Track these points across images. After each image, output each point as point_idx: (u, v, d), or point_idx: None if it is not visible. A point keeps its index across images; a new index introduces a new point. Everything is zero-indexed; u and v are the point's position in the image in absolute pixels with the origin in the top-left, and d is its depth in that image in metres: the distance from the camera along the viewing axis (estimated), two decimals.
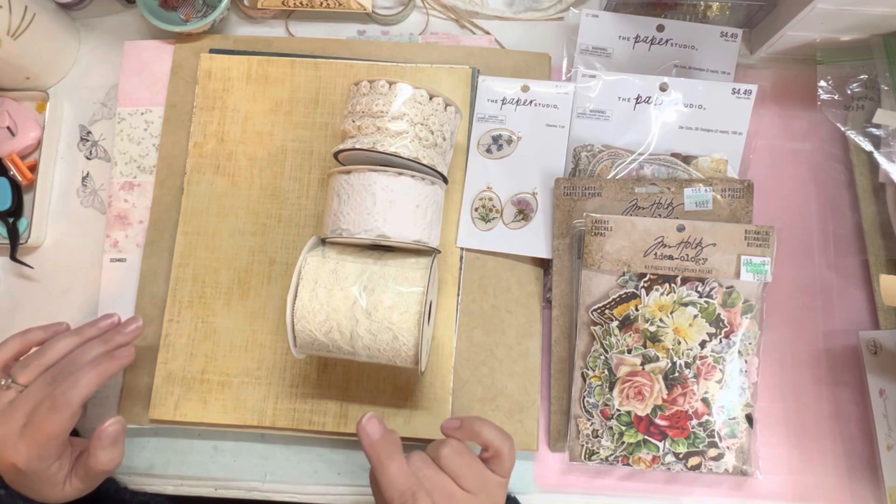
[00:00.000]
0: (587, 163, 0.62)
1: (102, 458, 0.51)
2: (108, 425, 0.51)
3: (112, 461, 0.52)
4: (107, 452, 0.51)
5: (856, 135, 0.62)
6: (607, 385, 0.58)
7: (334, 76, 0.66)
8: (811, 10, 0.57)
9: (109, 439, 0.51)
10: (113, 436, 0.51)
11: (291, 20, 0.71)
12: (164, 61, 0.68)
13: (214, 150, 0.65)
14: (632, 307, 0.58)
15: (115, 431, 0.51)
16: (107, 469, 0.51)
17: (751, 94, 0.62)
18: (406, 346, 0.51)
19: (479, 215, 0.63)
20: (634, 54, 0.66)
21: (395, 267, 0.53)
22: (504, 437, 0.49)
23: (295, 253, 0.63)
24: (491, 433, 0.49)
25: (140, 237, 0.65)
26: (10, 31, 0.62)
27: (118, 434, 0.52)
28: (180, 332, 0.61)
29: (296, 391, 0.60)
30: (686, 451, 0.57)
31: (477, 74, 0.66)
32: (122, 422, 0.52)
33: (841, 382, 0.62)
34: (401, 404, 0.60)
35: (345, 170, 0.54)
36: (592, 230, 0.58)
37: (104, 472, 0.52)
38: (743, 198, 0.59)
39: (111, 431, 0.51)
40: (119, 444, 0.52)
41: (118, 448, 0.52)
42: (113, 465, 0.52)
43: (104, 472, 0.52)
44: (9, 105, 0.67)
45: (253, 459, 0.62)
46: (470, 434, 0.49)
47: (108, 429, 0.51)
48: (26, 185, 0.67)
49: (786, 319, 0.63)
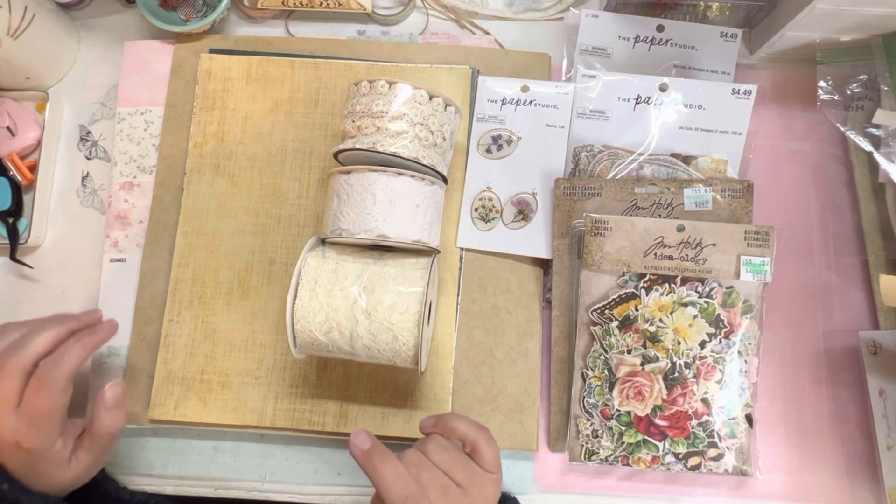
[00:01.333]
0: (587, 163, 0.62)
1: (107, 420, 0.52)
2: (108, 388, 0.53)
3: (115, 424, 0.53)
4: (110, 414, 0.52)
5: (856, 135, 0.62)
6: (607, 385, 0.58)
7: (334, 76, 0.66)
8: (811, 10, 0.57)
9: (113, 401, 0.52)
10: (115, 398, 0.53)
11: (291, 20, 0.71)
12: (164, 61, 0.68)
13: (214, 150, 0.65)
14: (632, 307, 0.58)
15: (116, 393, 0.53)
16: (111, 432, 0.52)
17: (750, 94, 0.62)
18: (406, 347, 0.51)
19: (479, 215, 0.63)
20: (634, 54, 0.66)
21: (395, 267, 0.53)
22: (479, 429, 0.50)
23: (295, 253, 0.63)
24: (464, 426, 0.50)
25: (140, 237, 0.65)
26: (10, 31, 0.62)
27: (119, 396, 0.53)
28: (180, 332, 0.61)
29: (295, 391, 0.60)
30: (686, 452, 0.57)
31: (477, 74, 0.66)
32: (122, 384, 0.54)
33: (841, 382, 0.62)
34: (401, 404, 0.60)
35: (345, 170, 0.54)
36: (592, 230, 0.58)
37: (108, 435, 0.53)
38: (743, 198, 0.59)
39: (113, 393, 0.53)
40: (122, 407, 0.53)
41: (121, 411, 0.53)
42: (117, 427, 0.53)
43: (109, 437, 0.53)
44: (9, 105, 0.67)
45: (253, 459, 0.62)
46: (444, 429, 0.50)
47: (109, 391, 0.52)
48: (26, 185, 0.67)
49: (786, 319, 0.63)
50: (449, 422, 0.51)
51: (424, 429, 0.52)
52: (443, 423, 0.51)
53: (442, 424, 0.51)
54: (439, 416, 0.51)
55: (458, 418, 0.51)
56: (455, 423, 0.50)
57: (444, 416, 0.51)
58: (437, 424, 0.51)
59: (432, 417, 0.52)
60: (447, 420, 0.51)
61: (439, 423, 0.51)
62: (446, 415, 0.52)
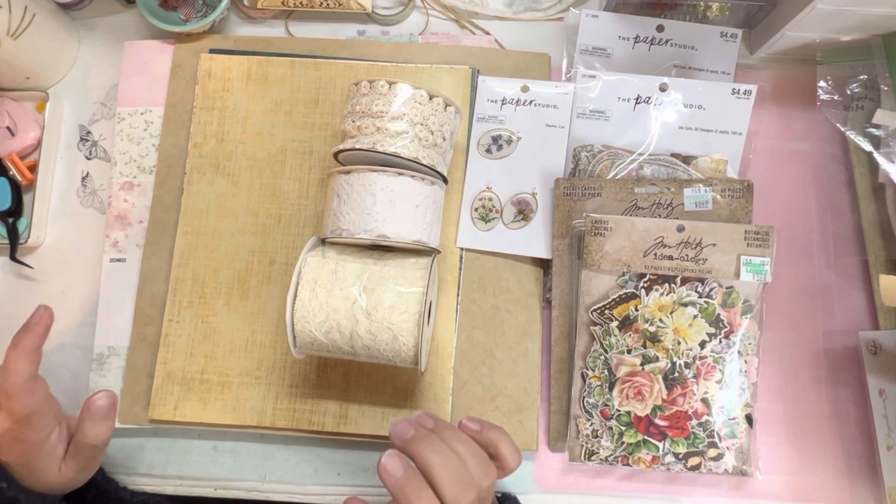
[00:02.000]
0: (587, 163, 0.62)
1: (89, 431, 0.50)
2: (97, 398, 0.50)
3: (99, 436, 0.50)
4: (94, 426, 0.50)
5: (855, 135, 0.62)
6: (607, 385, 0.58)
7: (334, 76, 0.66)
8: (811, 10, 0.57)
9: (99, 413, 0.50)
10: (101, 410, 0.50)
11: (291, 20, 0.71)
12: (164, 61, 0.68)
13: (214, 150, 0.65)
14: (631, 307, 0.58)
15: (103, 406, 0.50)
16: (93, 444, 0.50)
17: (750, 94, 0.62)
18: (406, 347, 0.51)
19: (478, 215, 0.63)
20: (634, 54, 0.66)
21: (394, 267, 0.53)
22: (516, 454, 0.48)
23: (295, 253, 0.63)
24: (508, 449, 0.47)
25: (140, 237, 0.65)
26: (10, 31, 0.62)
27: (107, 409, 0.50)
28: (180, 332, 0.61)
29: (295, 391, 0.60)
30: (686, 452, 0.57)
31: (477, 74, 0.66)
32: (113, 395, 0.51)
33: (841, 383, 0.62)
34: (401, 404, 0.60)
35: (345, 170, 0.54)
36: (592, 230, 0.58)
37: (91, 446, 0.50)
38: (743, 198, 0.59)
39: (99, 405, 0.50)
40: (108, 420, 0.50)
41: (107, 423, 0.50)
42: (100, 440, 0.50)
43: (92, 447, 0.50)
44: (9, 105, 0.67)
45: (252, 459, 0.62)
46: (487, 441, 0.47)
47: (96, 402, 0.50)
48: (26, 185, 0.67)
49: (786, 319, 0.63)
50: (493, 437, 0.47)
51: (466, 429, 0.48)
52: (487, 436, 0.47)
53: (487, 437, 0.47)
54: (485, 426, 0.48)
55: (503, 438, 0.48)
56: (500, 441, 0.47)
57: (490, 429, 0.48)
58: (481, 432, 0.47)
59: (478, 422, 0.48)
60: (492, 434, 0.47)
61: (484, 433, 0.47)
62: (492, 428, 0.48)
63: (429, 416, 0.48)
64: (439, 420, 0.48)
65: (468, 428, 0.48)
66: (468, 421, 0.48)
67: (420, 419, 0.47)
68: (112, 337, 0.63)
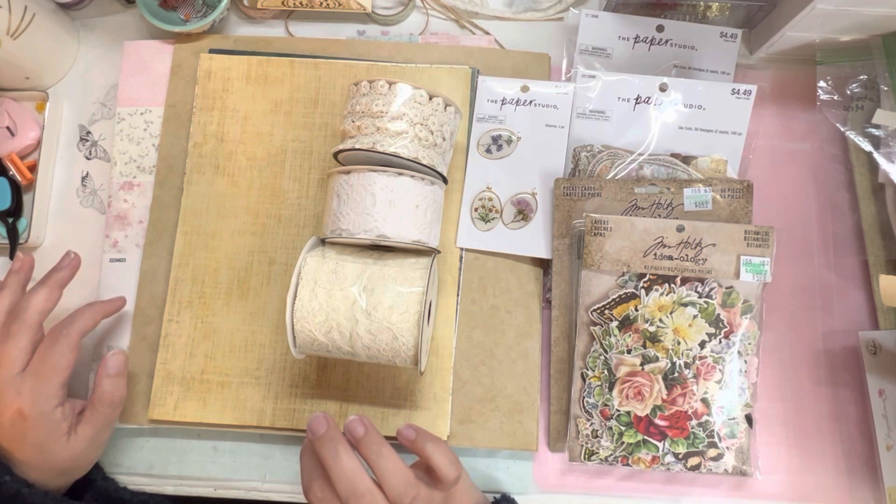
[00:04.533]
0: (587, 163, 0.62)
1: (108, 386, 0.53)
2: (111, 355, 0.54)
3: (117, 391, 0.54)
4: (112, 381, 0.54)
5: (855, 135, 0.62)
6: (607, 385, 0.58)
7: (334, 76, 0.66)
8: (811, 10, 0.57)
9: (115, 368, 0.54)
10: (117, 365, 0.54)
11: (291, 20, 0.71)
12: (164, 61, 0.68)
13: (214, 150, 0.65)
14: (631, 307, 0.58)
15: (118, 361, 0.54)
16: (112, 399, 0.54)
17: (750, 94, 0.62)
18: (406, 347, 0.51)
19: (478, 215, 0.63)
20: (634, 54, 0.66)
21: (394, 267, 0.53)
22: (426, 440, 0.47)
23: (295, 253, 0.63)
24: (441, 462, 0.47)
25: (140, 237, 0.65)
26: (10, 31, 0.62)
27: (121, 364, 0.54)
28: (180, 332, 0.61)
29: (295, 391, 0.60)
30: (685, 452, 0.57)
31: (477, 74, 0.66)
32: (125, 353, 0.55)
33: (840, 383, 0.62)
34: (400, 404, 0.60)
35: (344, 170, 0.54)
36: (592, 230, 0.58)
37: (110, 402, 0.54)
38: (742, 198, 0.59)
39: (115, 361, 0.54)
40: (123, 377, 0.54)
41: (122, 379, 0.54)
42: (118, 395, 0.54)
43: (110, 405, 0.54)
44: (8, 105, 0.67)
45: (252, 459, 0.62)
46: (419, 452, 0.48)
47: (111, 358, 0.54)
48: (26, 185, 0.67)
49: (785, 319, 0.63)
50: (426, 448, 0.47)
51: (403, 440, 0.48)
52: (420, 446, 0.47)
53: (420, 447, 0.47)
54: (419, 436, 0.47)
55: (427, 442, 0.47)
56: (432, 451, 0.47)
57: (424, 438, 0.48)
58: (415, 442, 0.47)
59: (414, 430, 0.48)
60: (423, 445, 0.47)
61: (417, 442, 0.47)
62: (427, 438, 0.48)
63: (362, 422, 0.47)
64: (372, 431, 0.47)
65: (403, 436, 0.48)
66: (405, 428, 0.48)
67: (350, 425, 0.47)
68: (112, 337, 0.63)
